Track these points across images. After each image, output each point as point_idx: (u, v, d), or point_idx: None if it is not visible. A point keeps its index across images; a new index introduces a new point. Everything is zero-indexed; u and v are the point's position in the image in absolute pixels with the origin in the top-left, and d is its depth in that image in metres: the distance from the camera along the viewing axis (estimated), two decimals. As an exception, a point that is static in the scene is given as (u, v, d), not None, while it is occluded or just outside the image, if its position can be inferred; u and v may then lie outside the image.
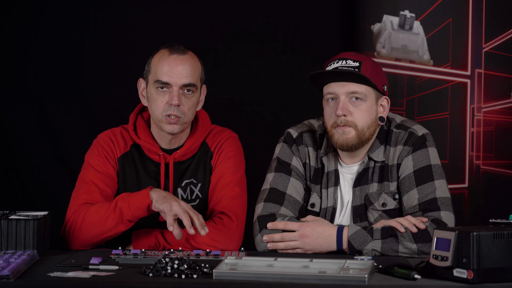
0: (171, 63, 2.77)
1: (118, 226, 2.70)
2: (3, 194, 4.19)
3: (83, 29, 4.28)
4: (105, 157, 2.85)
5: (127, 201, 2.68)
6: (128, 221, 2.70)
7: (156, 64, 2.79)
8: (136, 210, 2.67)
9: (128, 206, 2.68)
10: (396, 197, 2.78)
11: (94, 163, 2.84)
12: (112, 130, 2.92)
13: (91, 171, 2.84)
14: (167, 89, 2.77)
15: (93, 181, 2.81)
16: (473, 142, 4.20)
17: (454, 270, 2.17)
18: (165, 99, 2.77)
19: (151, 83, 2.80)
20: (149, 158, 2.87)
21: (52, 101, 4.28)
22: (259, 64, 4.32)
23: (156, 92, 2.78)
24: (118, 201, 2.70)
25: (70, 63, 4.29)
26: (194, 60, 2.82)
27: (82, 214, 2.73)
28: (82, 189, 2.81)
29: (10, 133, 4.27)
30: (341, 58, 2.76)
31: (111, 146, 2.87)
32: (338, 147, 2.78)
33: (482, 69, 4.17)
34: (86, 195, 2.79)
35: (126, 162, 2.87)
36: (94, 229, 2.71)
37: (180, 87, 2.77)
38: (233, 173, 2.86)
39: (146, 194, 2.67)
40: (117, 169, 2.86)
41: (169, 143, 2.86)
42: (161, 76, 2.77)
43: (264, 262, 2.32)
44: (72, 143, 4.25)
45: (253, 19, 4.33)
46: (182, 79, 2.77)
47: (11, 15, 4.25)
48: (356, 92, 2.73)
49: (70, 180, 4.26)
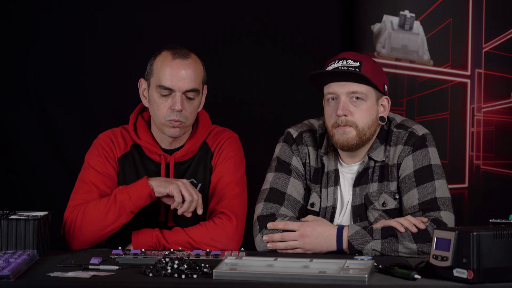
0: (174, 68, 2.76)
1: (119, 219, 2.70)
2: (3, 194, 4.19)
3: (83, 29, 4.28)
4: (105, 158, 2.85)
5: (127, 193, 2.70)
6: (131, 212, 2.71)
7: (159, 68, 2.78)
8: (137, 200, 2.69)
9: (128, 197, 2.69)
10: (396, 196, 2.78)
11: (94, 163, 2.84)
12: (112, 130, 2.92)
13: (91, 172, 2.84)
14: (170, 94, 2.77)
15: (93, 181, 2.81)
16: (473, 142, 4.20)
17: (454, 270, 2.17)
18: (168, 104, 2.77)
19: (153, 87, 2.79)
20: (149, 158, 2.87)
21: (52, 101, 4.28)
22: (259, 64, 4.32)
23: (159, 96, 2.77)
24: (116, 194, 2.72)
25: (70, 63, 4.29)
26: (197, 63, 2.81)
27: (81, 212, 2.73)
28: (81, 189, 2.81)
29: (10, 133, 4.27)
30: (341, 58, 2.76)
31: (111, 146, 2.87)
32: (339, 147, 2.78)
33: (482, 69, 4.17)
34: (85, 195, 2.79)
35: (126, 162, 2.87)
36: (95, 225, 2.71)
37: (182, 92, 2.76)
38: (233, 173, 2.86)
39: (145, 183, 2.70)
40: (117, 169, 2.86)
41: (170, 144, 2.86)
42: (164, 81, 2.76)
43: (264, 262, 2.32)
44: (72, 143, 4.25)
45: (253, 19, 4.33)
46: (185, 85, 2.76)
47: (11, 15, 4.25)
48: (356, 92, 2.73)
49: (70, 180, 4.25)
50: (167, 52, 2.79)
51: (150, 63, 2.82)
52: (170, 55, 2.78)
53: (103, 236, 2.75)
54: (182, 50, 2.79)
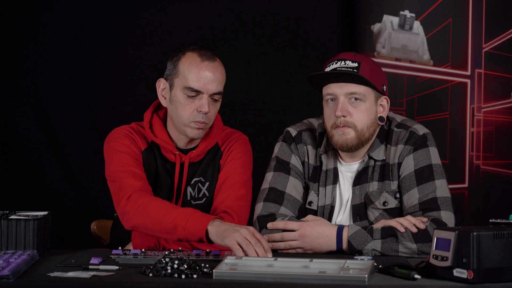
0: (203, 70, 2.76)
1: (165, 235, 2.66)
2: (3, 194, 4.19)
3: (83, 29, 4.29)
4: (133, 144, 2.80)
5: (186, 220, 2.60)
6: (179, 240, 2.64)
7: (186, 70, 2.76)
8: (189, 236, 2.61)
9: (183, 227, 2.60)
10: (397, 196, 2.78)
11: (122, 148, 2.78)
12: (128, 126, 2.87)
13: (123, 156, 2.77)
14: (197, 95, 2.76)
15: (128, 163, 2.75)
16: (473, 142, 4.20)
17: (454, 270, 2.17)
18: (194, 105, 2.76)
19: (178, 87, 2.77)
20: (164, 157, 2.86)
21: (52, 101, 4.28)
22: (259, 64, 4.32)
23: (185, 97, 2.76)
24: (177, 218, 2.61)
25: (70, 63, 4.30)
26: (222, 67, 2.82)
27: (138, 203, 2.66)
28: (121, 178, 2.73)
29: (10, 133, 4.28)
30: (340, 58, 2.77)
31: (134, 138, 2.83)
32: (338, 148, 2.78)
33: (482, 69, 4.17)
34: (129, 181, 2.71)
35: (149, 156, 2.84)
36: (149, 224, 2.65)
37: (210, 95, 2.77)
38: (240, 173, 2.85)
39: (204, 226, 2.57)
40: (141, 161, 2.83)
41: (185, 144, 2.86)
42: (193, 83, 2.75)
43: (264, 262, 2.32)
44: (72, 143, 4.26)
45: (253, 19, 4.34)
46: (213, 87, 2.76)
47: (11, 15, 4.25)
48: (355, 93, 2.74)
49: (70, 180, 4.28)
50: (193, 54, 2.78)
51: (174, 64, 2.80)
52: (197, 57, 2.78)
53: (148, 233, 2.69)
54: (208, 52, 2.80)
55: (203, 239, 2.57)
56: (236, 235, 2.48)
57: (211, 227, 2.56)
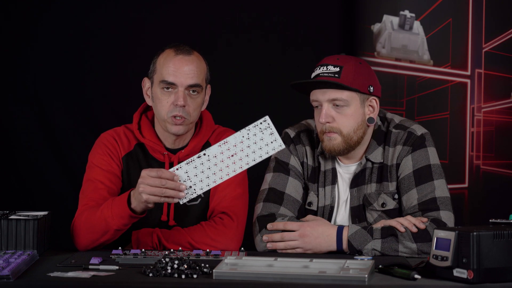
0: (177, 63, 2.77)
1: (106, 235, 2.67)
2: (3, 194, 4.19)
3: (83, 29, 4.28)
4: (109, 156, 2.84)
5: (111, 209, 2.64)
6: (116, 231, 2.65)
7: (162, 64, 2.79)
8: (119, 220, 2.63)
9: (111, 215, 2.64)
10: (396, 197, 2.78)
11: (98, 161, 2.84)
12: (115, 129, 2.92)
13: (96, 170, 2.83)
14: (173, 89, 2.77)
15: (99, 179, 2.80)
16: (473, 142, 4.20)
17: (454, 270, 2.17)
18: (171, 100, 2.77)
19: (156, 83, 2.80)
20: (153, 158, 2.86)
21: (52, 101, 4.28)
22: (259, 64, 4.32)
23: (162, 92, 2.78)
24: (103, 210, 2.65)
25: (70, 63, 4.29)
26: (200, 60, 2.82)
27: (84, 217, 2.70)
28: (88, 188, 2.80)
29: (10, 133, 4.27)
30: (323, 64, 2.77)
31: (115, 145, 2.86)
32: (327, 153, 2.79)
33: (482, 69, 4.17)
34: (93, 194, 2.77)
35: (131, 161, 2.86)
36: (90, 236, 2.68)
37: (185, 88, 2.77)
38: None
39: (124, 202, 2.61)
40: (121, 167, 2.85)
41: (173, 143, 2.86)
42: (167, 76, 2.76)
43: (264, 262, 2.32)
44: (72, 143, 4.25)
45: (252, 19, 4.34)
46: (187, 80, 2.77)
47: (10, 15, 4.25)
48: (336, 99, 2.73)
49: (70, 180, 4.28)
50: (170, 49, 2.81)
51: (153, 61, 2.83)
52: (173, 52, 2.80)
53: (101, 245, 2.71)
54: (185, 47, 2.81)
55: (132, 215, 2.59)
56: (142, 190, 2.51)
57: (131, 199, 2.59)
